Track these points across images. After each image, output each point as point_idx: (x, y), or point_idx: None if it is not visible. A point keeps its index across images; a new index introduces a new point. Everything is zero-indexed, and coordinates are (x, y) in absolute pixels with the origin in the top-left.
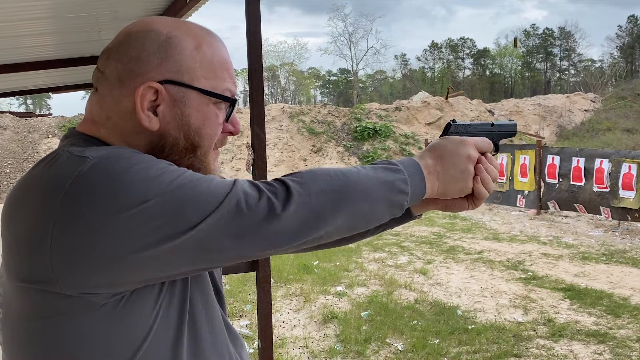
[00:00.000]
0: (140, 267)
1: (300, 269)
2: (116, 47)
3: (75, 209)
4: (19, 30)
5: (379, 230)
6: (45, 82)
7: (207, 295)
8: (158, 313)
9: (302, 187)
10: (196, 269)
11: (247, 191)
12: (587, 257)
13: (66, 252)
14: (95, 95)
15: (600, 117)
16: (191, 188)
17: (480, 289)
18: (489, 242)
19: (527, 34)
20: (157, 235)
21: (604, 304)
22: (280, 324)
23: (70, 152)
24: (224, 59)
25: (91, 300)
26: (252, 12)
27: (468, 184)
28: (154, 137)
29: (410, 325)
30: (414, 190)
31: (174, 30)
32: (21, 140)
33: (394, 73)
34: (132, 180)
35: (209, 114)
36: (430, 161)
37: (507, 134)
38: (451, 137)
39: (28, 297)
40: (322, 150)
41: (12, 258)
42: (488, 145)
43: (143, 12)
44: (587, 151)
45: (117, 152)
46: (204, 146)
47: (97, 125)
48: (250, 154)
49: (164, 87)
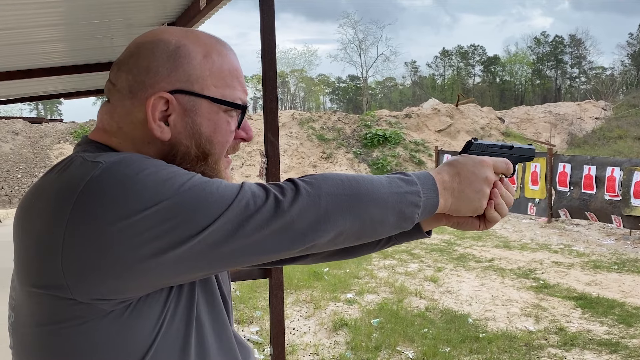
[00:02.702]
0: (150, 272)
1: (310, 276)
2: (126, 59)
3: (87, 214)
4: (32, 36)
5: (388, 244)
6: (57, 88)
7: (213, 302)
8: (164, 319)
9: (312, 188)
10: (206, 272)
11: (255, 192)
12: (599, 266)
13: (77, 258)
14: (106, 105)
15: (612, 125)
16: (200, 190)
17: (491, 297)
18: (500, 250)
19: (538, 42)
20: (167, 239)
21: (615, 313)
22: (291, 331)
23: (83, 158)
24: (233, 67)
25: (100, 306)
26: (266, 20)
27: (482, 204)
28: (166, 147)
29: (420, 333)
30: (426, 204)
31: (182, 39)
32: (33, 146)
33: (403, 80)
34: (143, 183)
35: (220, 122)
36: (446, 177)
37: (524, 158)
38: (471, 156)
39: (39, 302)
40: (331, 156)
41: (24, 263)
42: (507, 167)
43: (156, 19)
44: (599, 159)
45: (129, 157)
46: (215, 154)
47: (108, 135)
48: (264, 161)
49: (174, 96)
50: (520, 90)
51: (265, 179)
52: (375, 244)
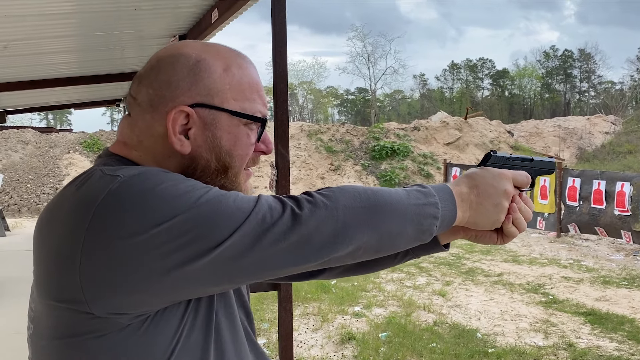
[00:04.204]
0: (167, 286)
1: (318, 288)
2: (147, 73)
3: (104, 228)
4: (44, 47)
5: (405, 258)
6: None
7: (232, 315)
8: (182, 332)
9: (329, 200)
10: (223, 286)
11: (272, 205)
12: (608, 282)
13: (95, 272)
14: (127, 119)
15: (621, 140)
16: (217, 203)
17: (500, 311)
18: (509, 264)
19: (547, 56)
20: (184, 252)
21: (625, 330)
22: (298, 344)
23: (102, 171)
24: (253, 80)
25: (117, 320)
26: (278, 33)
27: (500, 218)
28: (186, 160)
29: (429, 348)
30: (444, 216)
31: (202, 53)
32: (42, 155)
33: (412, 92)
34: (160, 197)
35: (240, 135)
36: (465, 189)
37: (545, 171)
38: (490, 168)
39: (57, 315)
40: (339, 168)
41: (43, 276)
42: (526, 180)
43: (167, 31)
44: (608, 174)
45: (147, 171)
46: (235, 167)
47: (129, 148)
48: (274, 173)
49: (194, 110)
50: (529, 103)
51: (275, 190)
52: (392, 258)
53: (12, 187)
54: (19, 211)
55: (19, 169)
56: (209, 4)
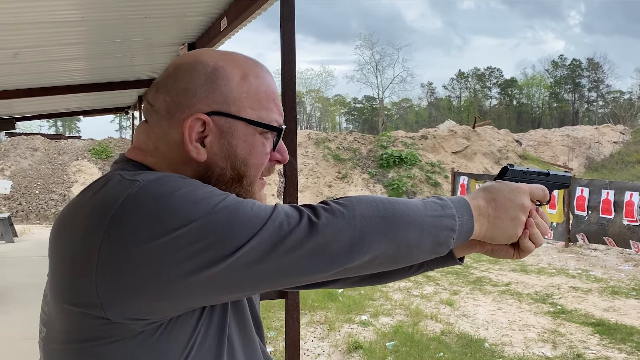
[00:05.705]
0: (183, 292)
1: (324, 297)
2: (165, 80)
3: (121, 232)
4: (53, 55)
5: (420, 270)
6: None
7: (244, 323)
8: (196, 340)
9: (346, 209)
10: (239, 294)
11: (289, 213)
12: (617, 292)
13: (111, 276)
14: (144, 125)
15: (630, 149)
16: (234, 210)
17: (507, 321)
18: (517, 274)
19: (555, 65)
20: (201, 258)
21: (634, 340)
22: (305, 352)
23: (121, 176)
24: (270, 89)
25: (131, 326)
26: (287, 41)
27: (517, 232)
28: (201, 168)
29: (436, 357)
30: (461, 229)
31: (220, 61)
32: (51, 162)
33: (419, 101)
34: (178, 202)
35: (256, 144)
36: (482, 202)
37: (561, 185)
38: (507, 182)
39: (71, 319)
40: (347, 177)
41: (58, 280)
42: (543, 194)
43: (176, 39)
44: (617, 184)
45: (166, 176)
46: (250, 176)
47: (145, 154)
48: (282, 181)
49: (211, 118)
50: (538, 113)
51: (283, 198)
52: (407, 270)
53: (21, 193)
54: (27, 217)
55: (27, 175)
56: (217, 12)
